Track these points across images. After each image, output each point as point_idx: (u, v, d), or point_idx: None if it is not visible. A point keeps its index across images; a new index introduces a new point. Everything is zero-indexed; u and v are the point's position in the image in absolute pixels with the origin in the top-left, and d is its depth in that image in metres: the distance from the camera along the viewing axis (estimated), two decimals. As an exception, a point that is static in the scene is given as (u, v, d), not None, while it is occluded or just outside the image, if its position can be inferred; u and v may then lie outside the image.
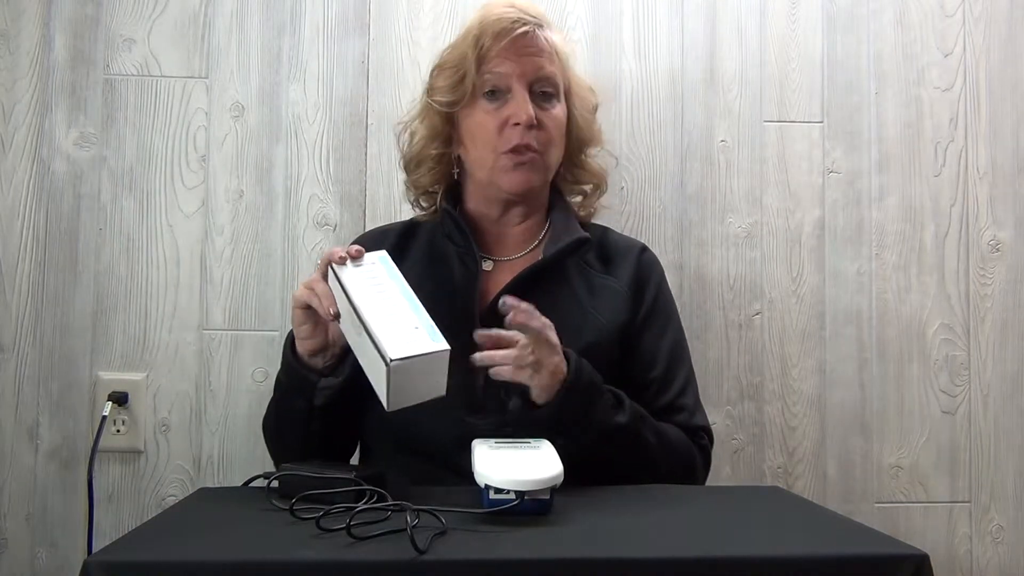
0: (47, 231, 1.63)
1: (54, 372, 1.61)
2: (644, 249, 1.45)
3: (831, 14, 1.74)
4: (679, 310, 1.45)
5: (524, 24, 1.32)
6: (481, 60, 1.33)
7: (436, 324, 1.10)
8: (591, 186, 1.48)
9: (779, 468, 1.68)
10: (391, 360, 1.05)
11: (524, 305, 1.17)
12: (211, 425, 1.63)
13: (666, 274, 1.45)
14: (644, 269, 1.41)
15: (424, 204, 1.45)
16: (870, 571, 0.86)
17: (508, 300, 1.17)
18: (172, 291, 1.64)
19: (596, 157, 1.48)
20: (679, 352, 1.41)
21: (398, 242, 1.41)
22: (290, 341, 1.26)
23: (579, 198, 1.48)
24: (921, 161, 1.73)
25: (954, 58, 1.74)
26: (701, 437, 1.36)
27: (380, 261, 1.17)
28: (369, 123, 1.68)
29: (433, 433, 1.24)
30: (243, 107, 1.66)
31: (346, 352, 1.22)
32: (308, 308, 1.18)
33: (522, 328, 1.16)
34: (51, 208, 1.63)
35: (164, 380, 1.63)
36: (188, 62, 1.66)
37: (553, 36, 1.37)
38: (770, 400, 1.69)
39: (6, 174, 1.63)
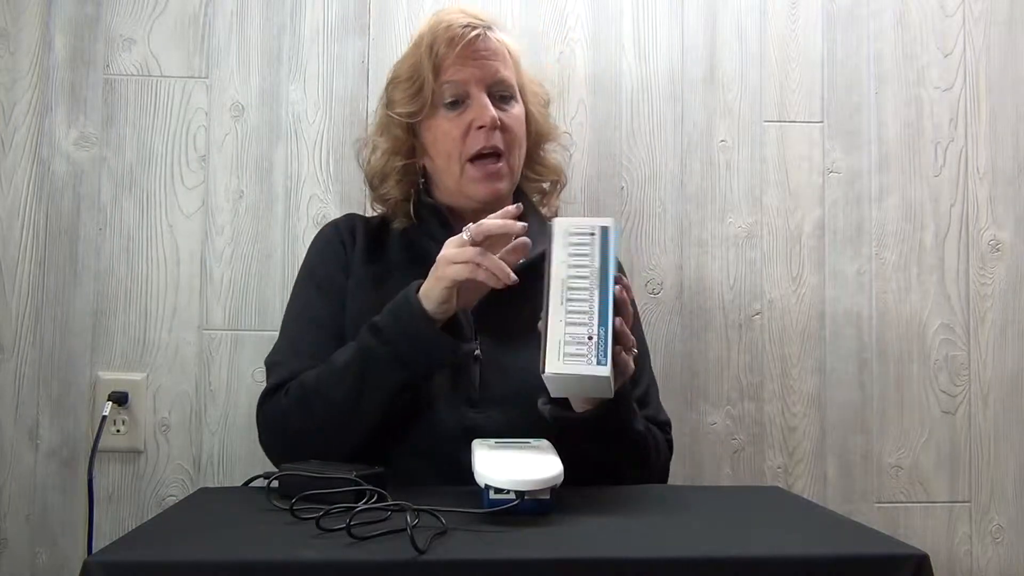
0: (47, 231, 1.63)
1: (54, 372, 1.61)
2: None
3: (831, 14, 1.74)
4: (679, 310, 1.46)
5: (475, 28, 1.34)
6: (437, 69, 1.34)
7: None
8: (550, 183, 1.49)
9: (779, 468, 1.68)
10: (544, 373, 1.06)
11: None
12: (211, 425, 1.63)
13: (666, 274, 1.46)
14: None
15: (399, 214, 1.42)
16: (870, 571, 0.86)
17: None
18: (172, 291, 1.64)
19: (553, 152, 1.50)
20: (644, 347, 1.43)
21: (374, 234, 1.41)
22: (413, 315, 1.18)
23: (537, 196, 1.49)
24: (921, 161, 1.73)
25: (954, 58, 1.74)
26: (668, 432, 1.39)
27: (599, 235, 1.11)
28: (369, 123, 1.67)
29: (432, 428, 1.25)
30: (243, 107, 1.66)
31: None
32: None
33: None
34: (51, 208, 1.63)
35: (164, 380, 1.63)
36: (188, 62, 1.66)
37: (504, 37, 1.39)
38: (770, 400, 1.69)
39: (6, 174, 1.63)
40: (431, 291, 1.18)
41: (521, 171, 1.43)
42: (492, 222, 1.16)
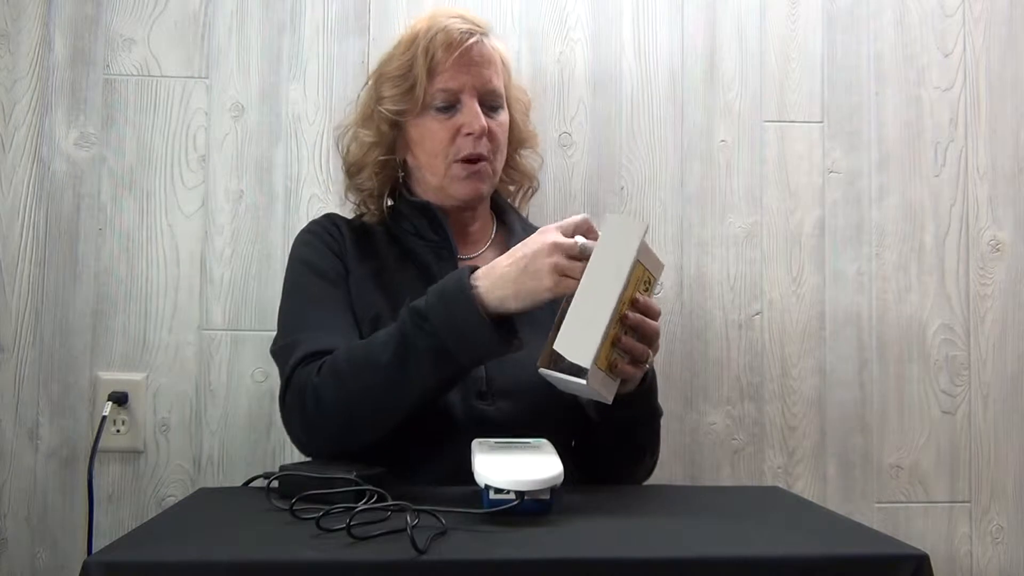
0: (47, 231, 1.63)
1: (54, 372, 1.61)
2: None
3: (831, 14, 1.74)
4: (679, 310, 1.46)
5: (473, 35, 1.34)
6: (432, 72, 1.34)
7: None
8: (522, 187, 1.52)
9: (779, 468, 1.68)
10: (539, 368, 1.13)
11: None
12: (211, 425, 1.63)
13: (666, 274, 1.46)
14: None
15: (371, 206, 1.44)
16: (870, 571, 0.86)
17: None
18: (172, 291, 1.64)
19: (527, 158, 1.51)
20: None
21: (358, 233, 1.41)
22: (475, 317, 1.11)
23: (508, 199, 1.52)
24: (921, 161, 1.73)
25: (954, 58, 1.74)
26: None
27: (624, 246, 1.08)
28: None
29: (441, 418, 1.24)
30: (243, 107, 1.66)
31: None
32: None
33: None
34: (51, 208, 1.63)
35: (164, 380, 1.63)
36: (188, 62, 1.66)
37: (497, 43, 1.40)
38: (770, 400, 1.69)
39: (6, 174, 1.63)
40: (508, 274, 1.11)
41: None
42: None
